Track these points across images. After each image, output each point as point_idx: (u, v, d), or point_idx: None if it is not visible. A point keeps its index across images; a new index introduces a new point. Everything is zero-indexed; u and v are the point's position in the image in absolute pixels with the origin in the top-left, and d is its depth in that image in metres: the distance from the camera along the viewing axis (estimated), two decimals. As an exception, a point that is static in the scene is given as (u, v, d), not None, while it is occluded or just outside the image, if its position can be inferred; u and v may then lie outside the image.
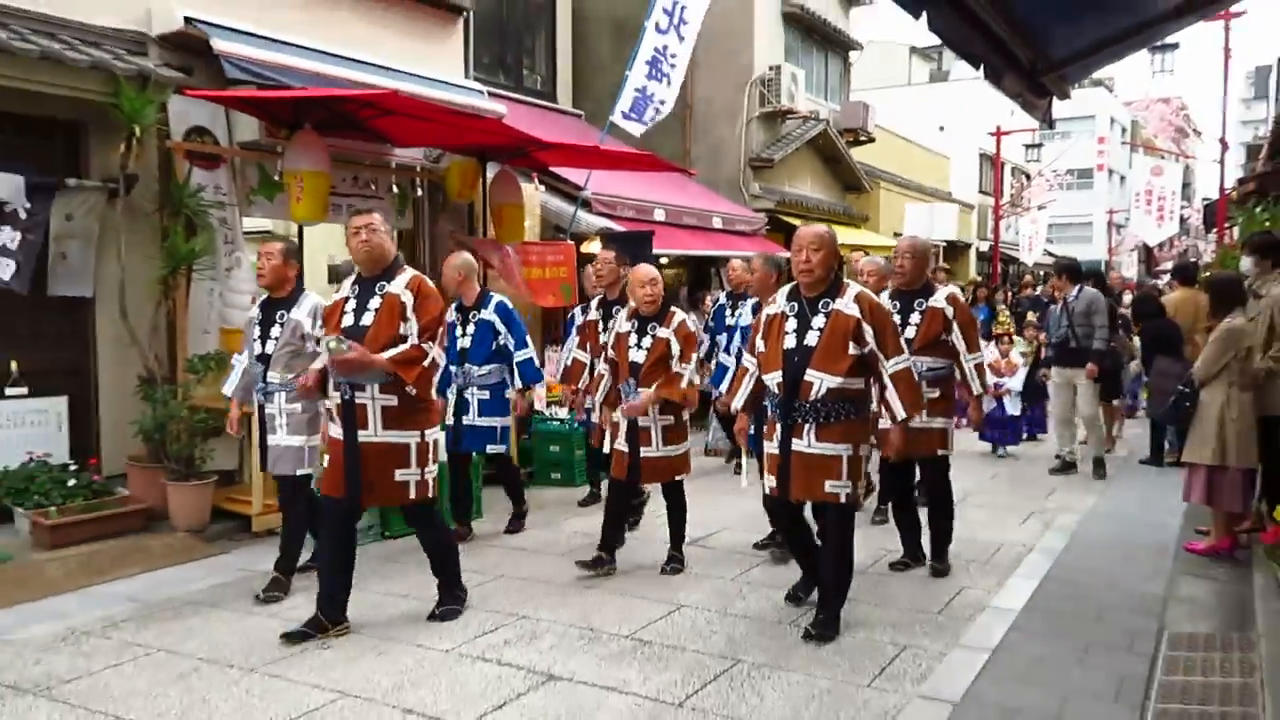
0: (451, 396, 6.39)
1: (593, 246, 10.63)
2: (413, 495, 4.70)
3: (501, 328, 6.40)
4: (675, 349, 5.53)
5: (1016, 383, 9.87)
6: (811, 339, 4.50)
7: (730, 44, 15.28)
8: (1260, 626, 4.57)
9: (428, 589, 5.24)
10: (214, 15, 7.02)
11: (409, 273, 4.75)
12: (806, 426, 4.49)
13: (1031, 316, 12.75)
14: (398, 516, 6.57)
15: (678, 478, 5.73)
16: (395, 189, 8.57)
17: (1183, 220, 34.17)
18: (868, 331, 4.45)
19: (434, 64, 8.96)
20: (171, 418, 6.42)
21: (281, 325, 5.15)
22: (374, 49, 8.28)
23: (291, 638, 4.52)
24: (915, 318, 5.73)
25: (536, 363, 6.57)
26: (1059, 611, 4.95)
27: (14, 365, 6.49)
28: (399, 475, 4.64)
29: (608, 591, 5.29)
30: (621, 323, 5.73)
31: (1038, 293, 15.58)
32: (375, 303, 4.63)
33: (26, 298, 6.32)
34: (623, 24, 14.26)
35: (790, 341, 4.56)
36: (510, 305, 6.49)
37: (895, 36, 37.54)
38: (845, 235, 16.75)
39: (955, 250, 27.67)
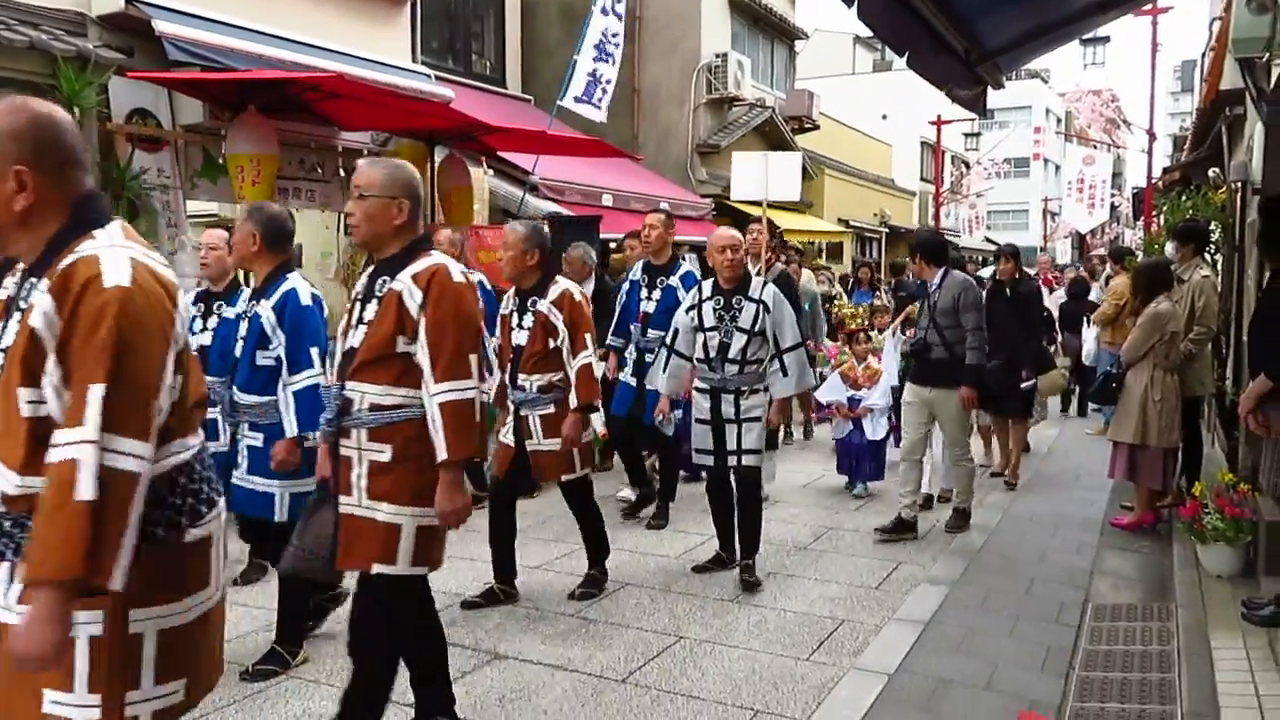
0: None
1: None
2: None
3: None
4: None
5: (879, 397, 7.13)
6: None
7: (677, 31, 15.38)
8: (1179, 597, 4.81)
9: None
10: (155, -4, 6.93)
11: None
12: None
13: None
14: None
15: None
16: (342, 172, 8.52)
17: (1113, 208, 35.07)
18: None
19: (381, 47, 8.92)
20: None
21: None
22: (320, 32, 8.22)
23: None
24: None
25: None
26: (991, 585, 5.12)
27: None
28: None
29: (553, 571, 5.34)
30: None
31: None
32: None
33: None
34: (570, 8, 14.28)
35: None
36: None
37: (840, 26, 37.99)
38: (791, 221, 16.98)
39: (896, 236, 28.11)
